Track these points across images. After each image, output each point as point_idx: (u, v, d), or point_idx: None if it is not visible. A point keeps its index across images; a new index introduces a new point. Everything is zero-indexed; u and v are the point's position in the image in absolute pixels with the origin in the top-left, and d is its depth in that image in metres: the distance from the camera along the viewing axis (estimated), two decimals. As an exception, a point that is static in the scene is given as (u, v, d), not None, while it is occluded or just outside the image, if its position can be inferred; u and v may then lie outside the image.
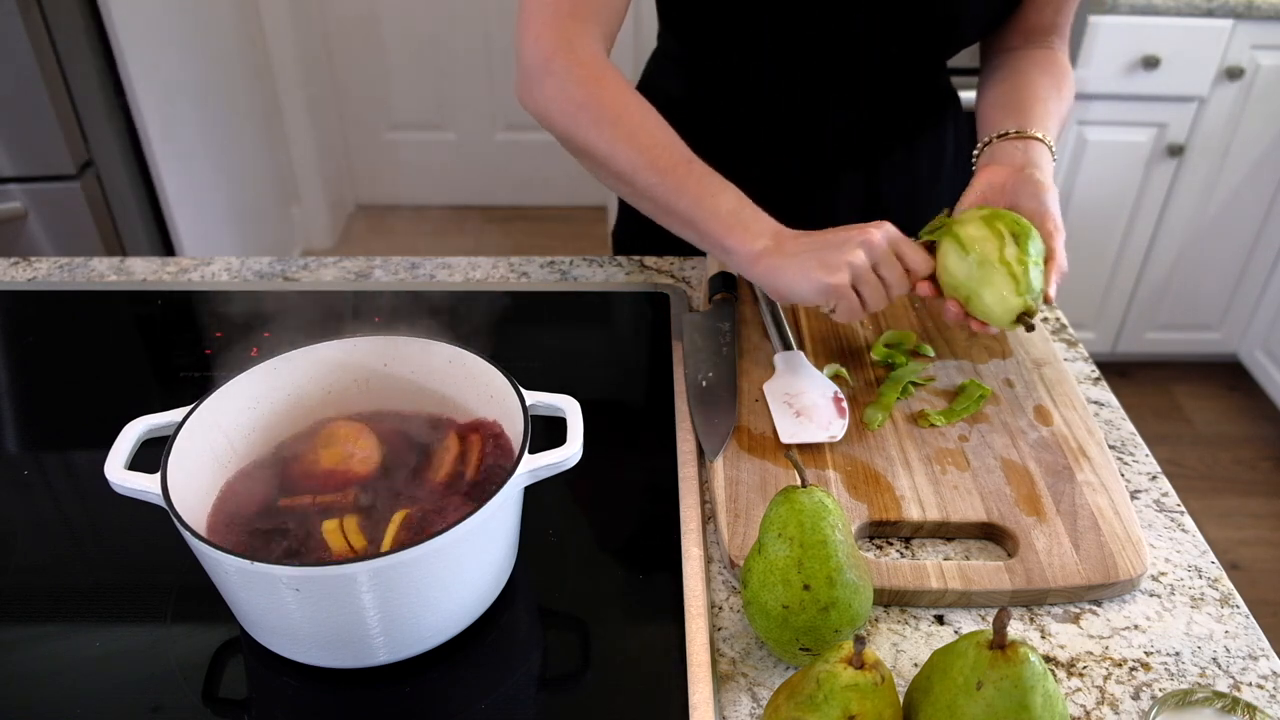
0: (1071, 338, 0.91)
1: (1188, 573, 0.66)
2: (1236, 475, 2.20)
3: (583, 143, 0.80)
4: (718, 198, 0.76)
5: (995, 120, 0.87)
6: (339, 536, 0.58)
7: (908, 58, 0.93)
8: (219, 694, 0.57)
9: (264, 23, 2.57)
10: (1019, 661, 0.46)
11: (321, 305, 0.94)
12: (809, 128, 0.97)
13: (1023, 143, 0.83)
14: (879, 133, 0.98)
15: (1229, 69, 1.99)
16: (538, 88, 0.81)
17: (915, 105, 1.01)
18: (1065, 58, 0.94)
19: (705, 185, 0.77)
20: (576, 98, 0.79)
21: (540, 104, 0.81)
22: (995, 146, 0.85)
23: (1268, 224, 2.20)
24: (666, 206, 0.78)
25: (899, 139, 1.00)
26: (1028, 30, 0.95)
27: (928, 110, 1.03)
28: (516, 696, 0.57)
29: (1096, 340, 2.39)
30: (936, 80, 1.03)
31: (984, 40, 0.99)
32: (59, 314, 0.94)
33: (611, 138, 0.78)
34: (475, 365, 0.66)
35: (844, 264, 0.72)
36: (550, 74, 0.80)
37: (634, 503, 0.72)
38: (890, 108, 0.98)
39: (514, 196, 3.15)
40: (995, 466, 0.71)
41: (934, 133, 1.03)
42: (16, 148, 1.64)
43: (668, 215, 0.79)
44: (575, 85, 0.79)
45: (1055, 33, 0.95)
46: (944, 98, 1.05)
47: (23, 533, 0.68)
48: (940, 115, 1.04)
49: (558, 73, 0.80)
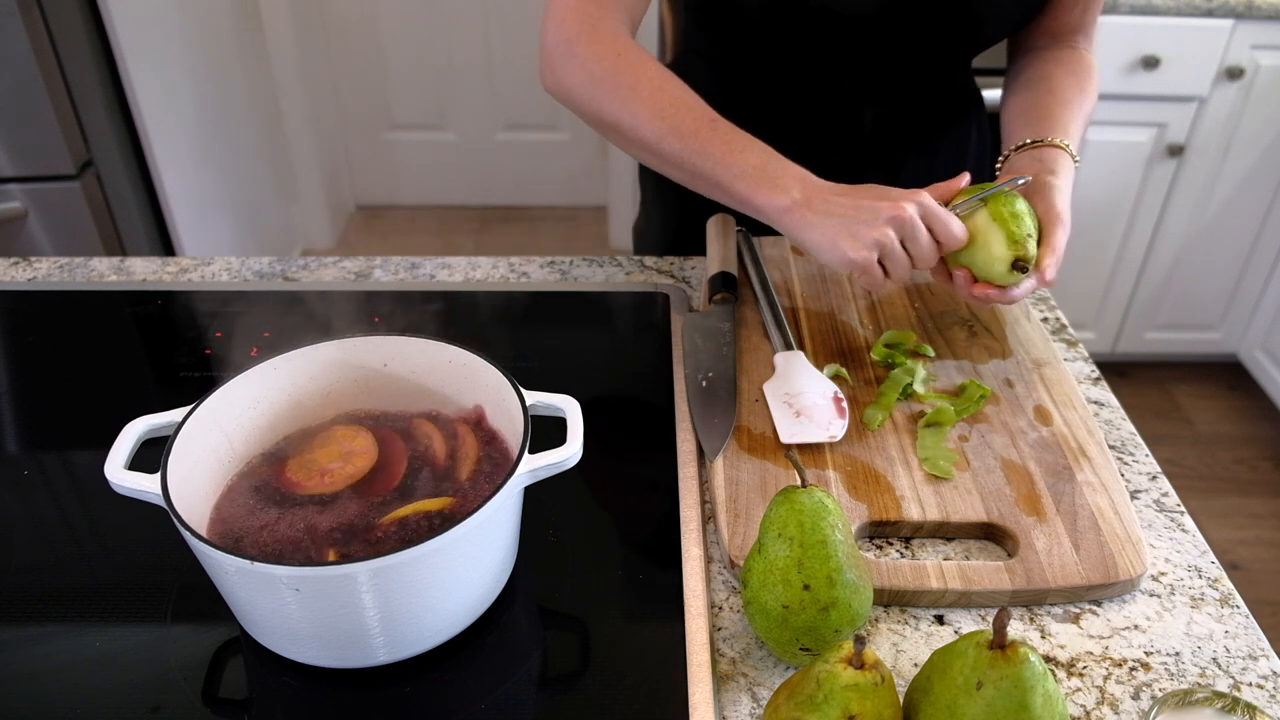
0: (1071, 338, 0.91)
1: (1188, 573, 0.66)
2: (1236, 475, 2.20)
3: (606, 116, 0.81)
4: (743, 155, 0.77)
5: (1017, 132, 0.88)
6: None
7: (933, 56, 0.93)
8: (219, 694, 0.57)
9: (264, 23, 2.57)
10: (1019, 661, 0.46)
11: (321, 305, 0.94)
12: (833, 125, 0.97)
13: (1040, 151, 0.84)
14: (902, 131, 0.99)
15: (1229, 69, 1.99)
16: (561, 68, 0.82)
17: (939, 104, 1.01)
18: (1091, 57, 0.95)
19: (730, 145, 0.77)
20: (597, 73, 0.80)
21: (563, 84, 0.82)
22: (1014, 159, 0.86)
23: (1268, 224, 2.20)
24: (693, 170, 0.79)
25: (922, 137, 1.01)
26: (1053, 30, 0.95)
27: (951, 109, 1.03)
28: (516, 696, 0.57)
29: (1096, 340, 2.39)
30: (961, 80, 1.04)
31: (1010, 40, 0.99)
32: (59, 314, 0.94)
33: (634, 108, 0.79)
34: (475, 365, 0.66)
35: (871, 241, 0.72)
36: (573, 55, 0.81)
37: (634, 503, 0.72)
38: (914, 106, 0.98)
39: (514, 196, 3.15)
40: (995, 466, 0.71)
41: (957, 132, 1.04)
42: (16, 148, 1.64)
43: (695, 179, 0.79)
44: (596, 62, 0.80)
45: (1081, 32, 0.95)
46: (968, 97, 1.05)
47: (23, 533, 0.68)
48: (964, 115, 1.04)
49: (580, 53, 0.81)
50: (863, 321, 0.89)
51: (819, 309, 0.90)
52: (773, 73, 0.95)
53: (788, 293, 0.92)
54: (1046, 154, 0.84)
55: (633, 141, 0.81)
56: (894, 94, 0.96)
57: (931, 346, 0.85)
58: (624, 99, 0.79)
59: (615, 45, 0.81)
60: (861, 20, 0.87)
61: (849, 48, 0.90)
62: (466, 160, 3.09)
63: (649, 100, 0.79)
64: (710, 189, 0.79)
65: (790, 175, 0.76)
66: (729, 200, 0.78)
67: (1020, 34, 0.98)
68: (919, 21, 0.87)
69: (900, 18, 0.87)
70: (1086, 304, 2.33)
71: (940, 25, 0.88)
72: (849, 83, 0.94)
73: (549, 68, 0.83)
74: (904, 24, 0.88)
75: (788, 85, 0.95)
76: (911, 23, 0.87)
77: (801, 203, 0.74)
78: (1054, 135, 0.85)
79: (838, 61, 0.92)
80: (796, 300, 0.91)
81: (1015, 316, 0.89)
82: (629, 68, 0.80)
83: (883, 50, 0.90)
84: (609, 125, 0.82)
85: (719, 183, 0.77)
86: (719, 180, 0.77)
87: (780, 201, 0.75)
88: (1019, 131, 0.88)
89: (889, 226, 0.72)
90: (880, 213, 0.72)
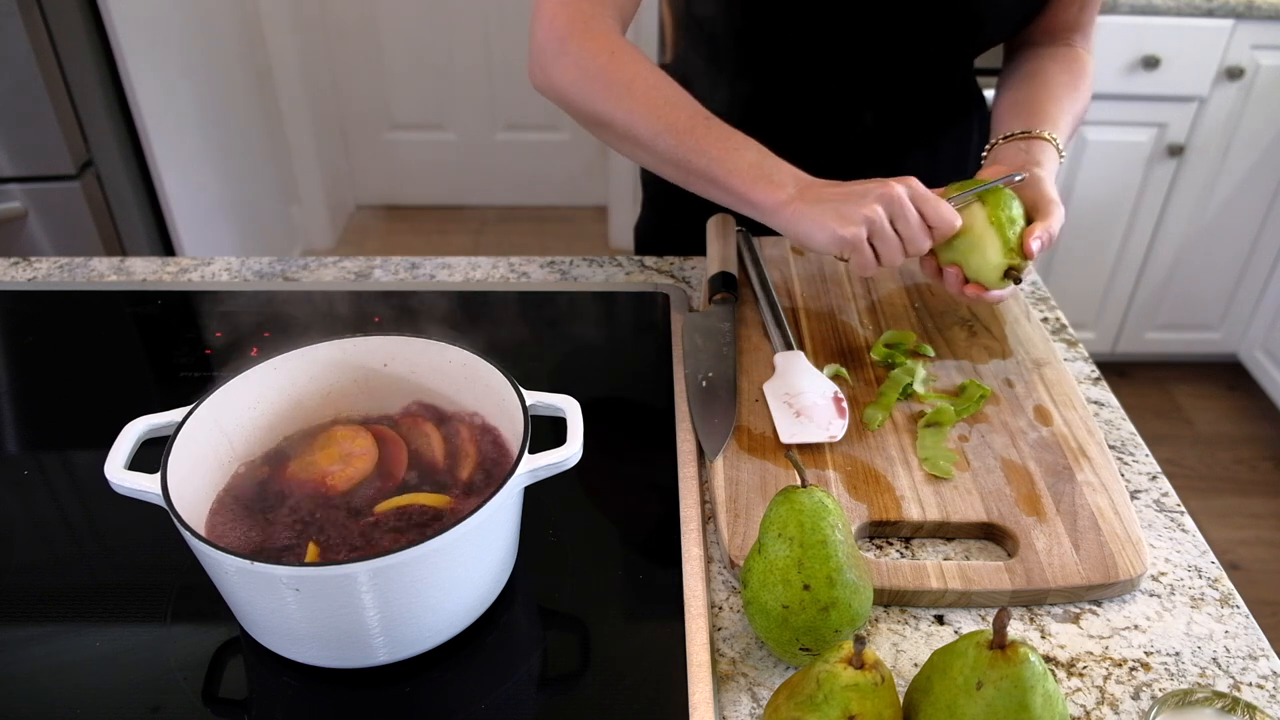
0: (1071, 338, 0.91)
1: (1188, 573, 0.66)
2: (1236, 475, 2.20)
3: (599, 113, 0.81)
4: (738, 153, 0.77)
5: (1006, 123, 0.88)
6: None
7: (933, 56, 0.93)
8: (219, 694, 0.57)
9: (264, 22, 2.57)
10: (1019, 661, 0.46)
11: (321, 305, 0.94)
12: (833, 125, 0.97)
13: (1026, 142, 0.85)
14: (903, 131, 0.99)
15: (1229, 69, 1.99)
16: (552, 66, 0.82)
17: (940, 104, 1.01)
18: (1087, 56, 0.95)
19: (725, 142, 0.77)
20: (590, 70, 0.80)
21: (554, 81, 0.82)
22: (1000, 148, 0.86)
23: (1268, 224, 2.20)
24: (688, 167, 0.79)
25: (923, 137, 1.01)
26: (1051, 29, 0.95)
27: (952, 109, 1.03)
28: (516, 696, 0.57)
29: (1096, 340, 2.39)
30: (962, 80, 1.04)
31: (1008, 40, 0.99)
32: (59, 314, 0.94)
33: (629, 105, 0.79)
34: (475, 365, 0.66)
35: (860, 217, 0.72)
36: (565, 53, 0.81)
37: (634, 503, 0.72)
38: (915, 106, 0.98)
39: (514, 196, 3.15)
40: (995, 466, 0.71)
41: (958, 132, 1.04)
42: (16, 148, 1.64)
43: (690, 176, 0.79)
44: (590, 59, 0.80)
45: (1078, 31, 0.96)
46: (969, 98, 1.05)
47: (23, 533, 0.68)
48: (965, 115, 1.05)
49: (572, 50, 0.81)
50: (863, 321, 0.89)
51: (819, 309, 0.90)
52: (772, 72, 0.95)
53: (788, 293, 0.92)
54: (1033, 145, 0.84)
55: (626, 139, 0.81)
56: (894, 94, 0.96)
57: (931, 346, 0.85)
58: (618, 96, 0.79)
59: (608, 43, 0.81)
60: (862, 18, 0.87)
61: (849, 47, 0.90)
62: (466, 160, 3.08)
63: (643, 98, 0.79)
64: (705, 186, 0.79)
65: (785, 172, 0.77)
66: (723, 197, 0.78)
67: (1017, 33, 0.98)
68: (919, 21, 0.87)
69: (900, 17, 0.87)
70: (1086, 304, 2.33)
71: (940, 25, 0.88)
72: (849, 83, 0.94)
73: (539, 65, 0.83)
74: (904, 23, 0.88)
75: (788, 85, 0.95)
76: (911, 22, 0.87)
77: (795, 197, 0.75)
78: (1042, 128, 0.85)
79: (838, 61, 0.92)
80: (796, 300, 0.91)
81: (1015, 316, 0.89)
82: (622, 66, 0.80)
83: (883, 50, 0.91)
84: (602, 123, 0.82)
85: (714, 179, 0.77)
86: (714, 176, 0.77)
87: (776, 197, 0.75)
88: (1008, 123, 0.88)
89: (877, 204, 0.73)
90: (869, 192, 0.73)
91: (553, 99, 0.84)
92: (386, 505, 0.60)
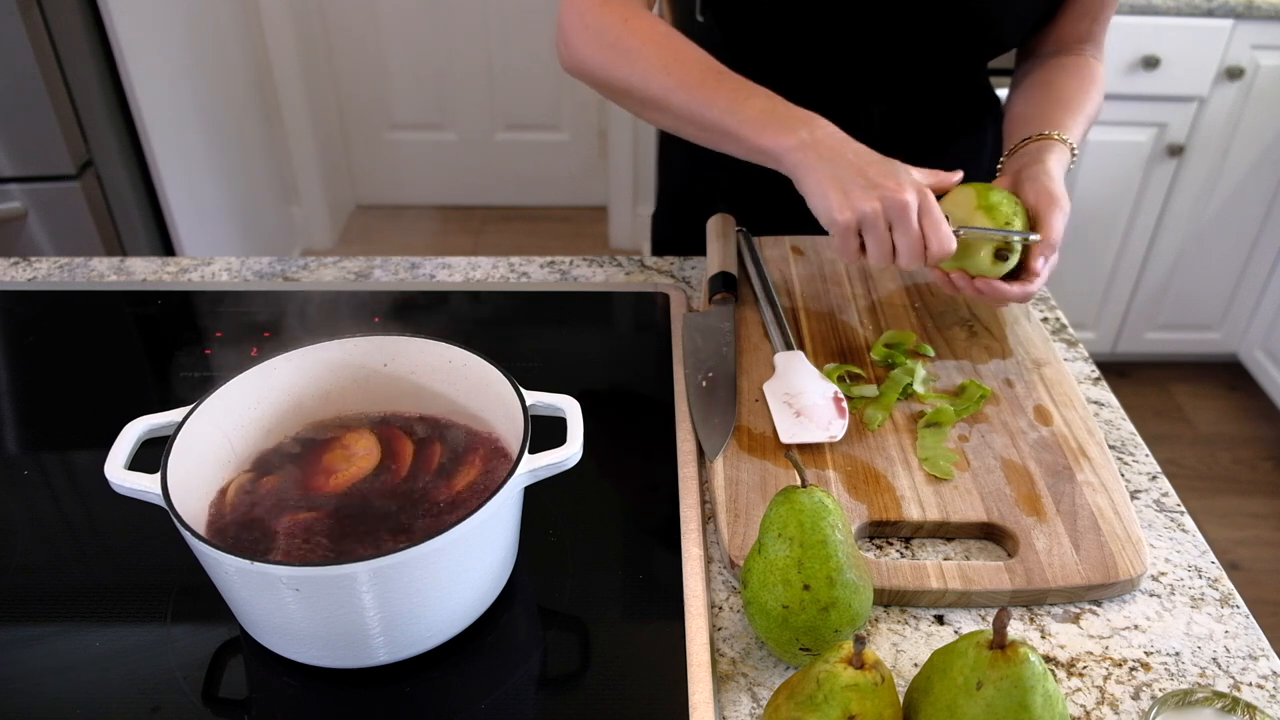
0: (1071, 338, 0.91)
1: (1188, 573, 0.66)
2: (1236, 475, 2.20)
3: (617, 80, 0.82)
4: (749, 101, 0.77)
5: (1018, 133, 0.89)
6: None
7: (948, 58, 0.93)
8: (219, 694, 0.57)
9: (264, 22, 2.57)
10: (1019, 661, 0.46)
11: (321, 305, 0.94)
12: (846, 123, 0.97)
13: (1036, 144, 0.85)
14: (913, 131, 0.99)
15: (1229, 69, 1.99)
16: (574, 41, 0.84)
17: (955, 106, 1.01)
18: (1099, 65, 0.95)
19: (736, 92, 0.78)
20: (606, 39, 0.82)
21: (576, 56, 0.84)
22: (1011, 157, 0.87)
23: (1268, 224, 2.20)
24: (702, 122, 0.79)
25: (935, 139, 1.01)
26: (1062, 39, 0.96)
27: (967, 112, 1.03)
28: (516, 696, 0.57)
29: (1096, 340, 2.39)
30: (977, 83, 1.04)
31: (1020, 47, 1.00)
32: (59, 314, 0.94)
33: (642, 67, 0.80)
34: (475, 365, 0.66)
35: (859, 207, 0.72)
36: (585, 27, 0.83)
37: (634, 502, 0.72)
38: (926, 107, 0.98)
39: (514, 196, 3.15)
40: (995, 466, 0.71)
41: (972, 134, 1.04)
42: (16, 148, 1.64)
43: (706, 132, 0.80)
44: (605, 29, 0.82)
45: (1090, 41, 0.96)
46: (984, 100, 1.05)
47: (23, 533, 0.68)
48: (980, 119, 1.05)
49: (591, 24, 0.83)
50: (863, 321, 0.89)
51: (819, 309, 0.90)
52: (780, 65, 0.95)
53: (788, 293, 0.92)
54: (1044, 145, 0.85)
55: (644, 102, 0.82)
56: (903, 93, 0.96)
57: (931, 346, 0.85)
58: (631, 60, 0.81)
59: (624, 12, 0.82)
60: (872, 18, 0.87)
61: (858, 42, 0.90)
62: (466, 160, 3.08)
63: (655, 57, 0.80)
64: (719, 139, 0.79)
65: (798, 117, 0.76)
66: (738, 149, 0.78)
67: (1031, 41, 0.98)
68: (931, 22, 0.87)
69: (912, 17, 0.87)
70: (1086, 304, 2.33)
71: (952, 26, 0.88)
72: (864, 80, 0.94)
73: (564, 44, 0.85)
74: (915, 23, 0.88)
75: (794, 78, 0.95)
76: (923, 23, 0.87)
77: (810, 143, 0.74)
78: (1051, 131, 0.85)
79: (853, 59, 0.92)
80: (796, 300, 0.91)
81: (1015, 316, 0.89)
82: (635, 31, 0.81)
83: (892, 47, 0.90)
84: (622, 90, 0.83)
85: (726, 130, 0.78)
86: (726, 127, 0.77)
87: (787, 141, 0.75)
88: (1020, 133, 0.88)
89: (880, 202, 0.72)
90: (878, 186, 0.72)
91: (580, 77, 0.86)
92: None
